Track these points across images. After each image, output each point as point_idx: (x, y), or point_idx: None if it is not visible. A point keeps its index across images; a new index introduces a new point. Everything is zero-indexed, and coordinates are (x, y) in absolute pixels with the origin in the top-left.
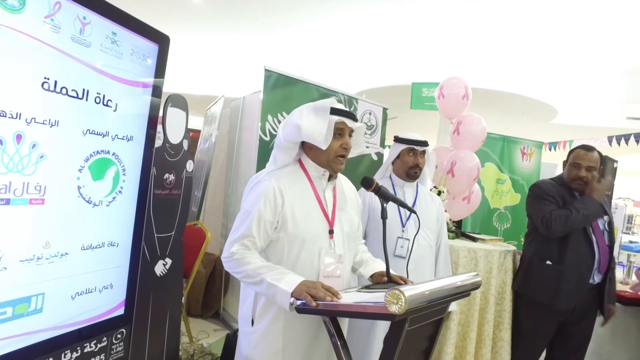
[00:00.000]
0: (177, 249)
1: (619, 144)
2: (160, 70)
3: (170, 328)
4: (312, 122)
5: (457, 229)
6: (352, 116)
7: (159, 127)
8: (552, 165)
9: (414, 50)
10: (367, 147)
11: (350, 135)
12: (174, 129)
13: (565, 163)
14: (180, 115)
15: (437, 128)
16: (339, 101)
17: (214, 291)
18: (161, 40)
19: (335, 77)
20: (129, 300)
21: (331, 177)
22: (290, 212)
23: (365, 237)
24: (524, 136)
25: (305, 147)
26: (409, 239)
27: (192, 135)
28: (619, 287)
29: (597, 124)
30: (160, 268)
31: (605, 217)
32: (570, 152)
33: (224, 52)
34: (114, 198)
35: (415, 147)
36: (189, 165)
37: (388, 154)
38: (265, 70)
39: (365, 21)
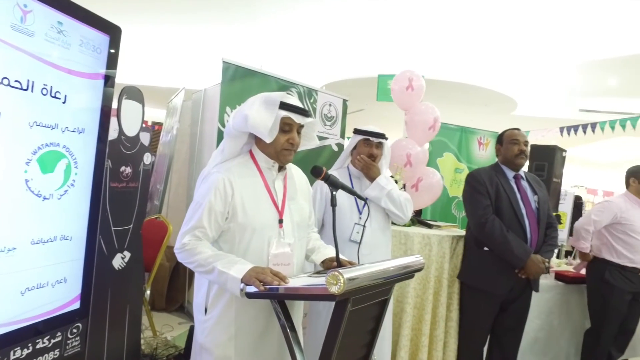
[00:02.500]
0: (136, 242)
1: (569, 134)
2: (112, 61)
3: (131, 322)
4: (260, 114)
5: (415, 217)
6: (301, 112)
7: (114, 120)
8: None
9: (380, 43)
10: (327, 138)
11: (299, 131)
12: (130, 121)
13: (499, 149)
14: (136, 107)
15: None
16: (299, 93)
17: (178, 284)
18: (112, 31)
19: (299, 70)
20: (84, 294)
21: (281, 168)
22: (240, 202)
23: (322, 225)
24: (487, 127)
25: (256, 138)
26: (363, 225)
27: (158, 129)
28: (564, 267)
29: (552, 116)
30: (118, 261)
31: (535, 197)
32: (501, 136)
33: (184, 43)
34: (65, 191)
35: (371, 139)
36: (147, 158)
37: (347, 145)
38: (223, 62)
39: (330, 13)
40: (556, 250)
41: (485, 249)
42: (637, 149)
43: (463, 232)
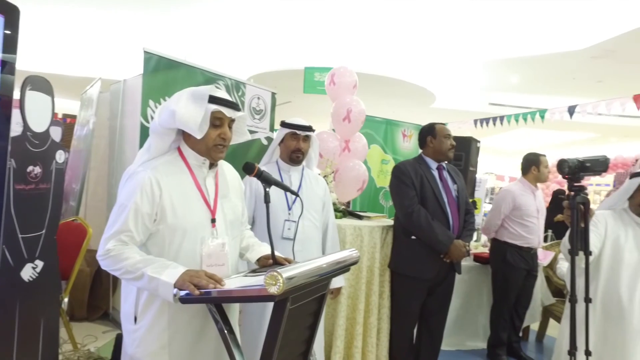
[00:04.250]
0: (50, 249)
1: (481, 126)
2: (9, 44)
3: (46, 337)
4: (188, 109)
5: (345, 209)
6: (232, 105)
7: (17, 113)
8: None
9: (306, 35)
10: (256, 131)
11: (230, 125)
12: (37, 115)
13: (431, 141)
14: (44, 100)
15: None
16: (227, 86)
17: (101, 291)
18: (7, 10)
19: (224, 61)
20: None
21: (212, 165)
22: (169, 202)
23: (252, 223)
24: (408, 119)
25: (185, 134)
26: (295, 221)
27: (70, 122)
28: (480, 249)
29: (466, 109)
30: (28, 272)
31: (455, 186)
32: (433, 129)
33: (99, 29)
34: None
35: (298, 132)
36: (59, 156)
37: (274, 139)
38: (145, 52)
39: (255, 3)
40: (475, 234)
41: (413, 237)
42: (538, 139)
43: (392, 222)
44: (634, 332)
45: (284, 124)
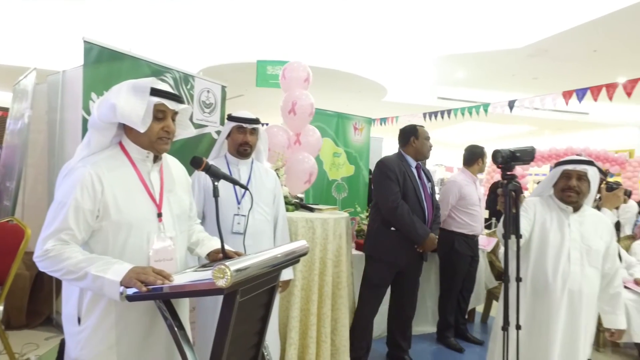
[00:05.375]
0: None
1: (430, 119)
2: None
3: None
4: (129, 103)
5: (297, 202)
6: (175, 98)
7: None
8: (379, 139)
9: (260, 28)
10: (206, 125)
11: (173, 118)
12: None
13: (414, 141)
14: None
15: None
16: (174, 79)
17: (42, 295)
18: None
19: (174, 54)
20: None
21: (157, 159)
22: (112, 198)
23: (203, 218)
24: (361, 113)
25: (126, 128)
26: (245, 215)
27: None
28: None
29: (416, 102)
30: None
31: (429, 184)
32: (415, 131)
33: (34, 16)
34: None
35: (244, 125)
36: None
37: (221, 133)
38: (85, 42)
39: None
40: None
41: (392, 228)
42: (483, 131)
43: (343, 214)
44: (556, 306)
45: (230, 118)
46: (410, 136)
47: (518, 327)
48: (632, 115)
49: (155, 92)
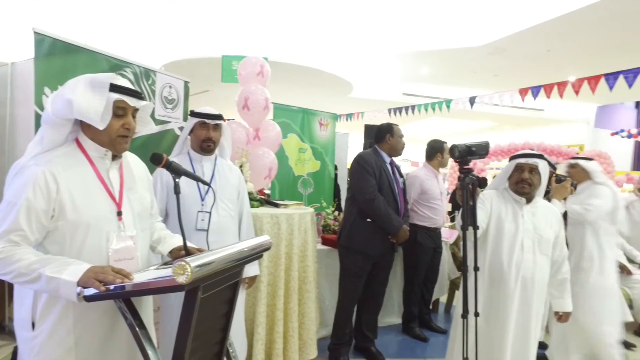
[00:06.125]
0: None
1: (395, 114)
2: None
3: None
4: (87, 99)
5: (262, 198)
6: (135, 94)
7: None
8: (345, 134)
9: (225, 23)
10: (168, 121)
11: (134, 115)
12: None
13: (389, 138)
14: None
15: None
16: (135, 73)
17: None
18: None
19: (135, 48)
20: None
21: (115, 157)
22: (69, 197)
23: (166, 215)
24: (327, 109)
25: (83, 124)
26: (209, 212)
27: None
28: None
29: (382, 98)
30: None
31: (401, 179)
32: (391, 129)
33: None
34: None
35: (207, 121)
36: None
37: (184, 129)
38: (35, 33)
39: None
40: None
41: (368, 220)
42: (446, 127)
43: (308, 209)
44: (510, 293)
45: (192, 114)
46: (387, 134)
47: (476, 315)
48: (583, 112)
49: (114, 88)
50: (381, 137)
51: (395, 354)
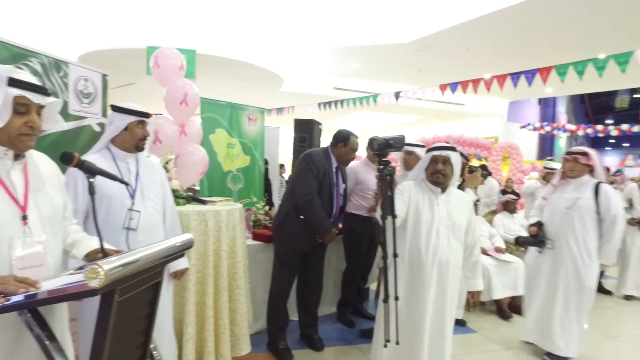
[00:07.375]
0: None
1: (325, 108)
2: None
3: None
4: None
5: (189, 195)
6: (39, 90)
7: None
8: (275, 128)
9: (152, 13)
10: (85, 117)
11: (39, 112)
12: None
13: (342, 147)
14: None
15: None
16: (43, 64)
17: None
18: None
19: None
20: None
21: (18, 156)
22: None
23: (86, 217)
24: (257, 103)
25: None
26: (139, 211)
27: None
28: None
29: (313, 92)
30: None
31: (343, 185)
32: (347, 140)
33: None
34: None
35: (145, 120)
36: None
37: (111, 126)
38: None
39: None
40: None
41: (301, 217)
42: (375, 121)
43: (237, 205)
44: (428, 276)
45: (127, 111)
46: (341, 141)
47: (396, 298)
48: (497, 107)
49: (14, 82)
50: (336, 142)
51: (331, 343)
